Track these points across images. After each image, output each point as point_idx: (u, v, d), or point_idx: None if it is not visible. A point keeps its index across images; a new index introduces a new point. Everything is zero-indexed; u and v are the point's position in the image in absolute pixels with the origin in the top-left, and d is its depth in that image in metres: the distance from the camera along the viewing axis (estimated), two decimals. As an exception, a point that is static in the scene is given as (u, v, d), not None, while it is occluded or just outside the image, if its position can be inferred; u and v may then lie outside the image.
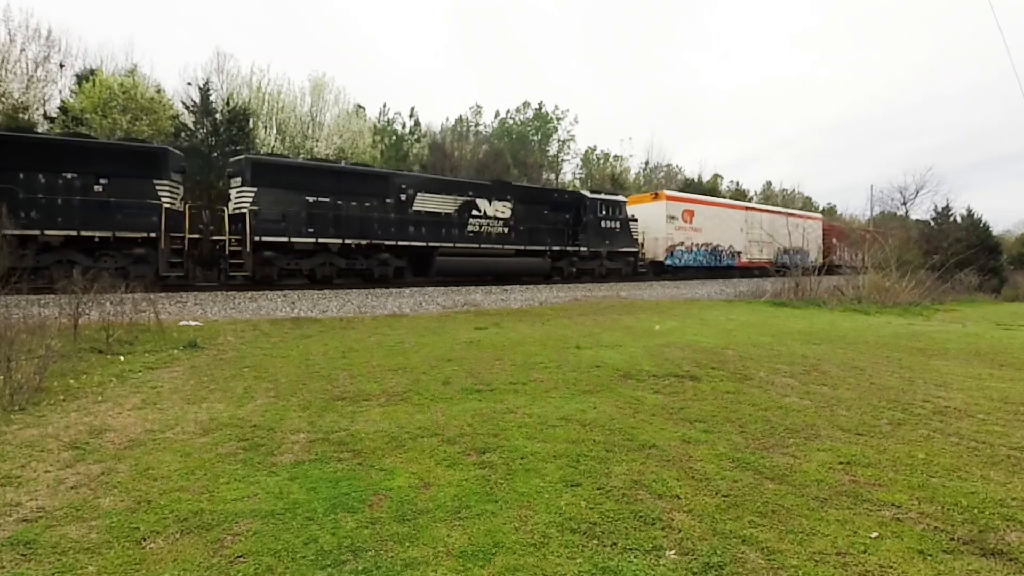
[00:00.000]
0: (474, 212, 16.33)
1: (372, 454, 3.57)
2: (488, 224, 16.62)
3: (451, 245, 15.72)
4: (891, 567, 2.30)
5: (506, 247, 16.93)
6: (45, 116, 20.36)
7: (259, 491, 3.00)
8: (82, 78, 20.67)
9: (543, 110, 40.38)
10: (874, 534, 2.56)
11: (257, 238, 12.61)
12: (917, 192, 35.41)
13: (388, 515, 2.72)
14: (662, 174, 43.02)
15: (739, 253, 25.43)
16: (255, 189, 12.78)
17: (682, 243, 22.57)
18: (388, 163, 26.64)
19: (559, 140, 40.98)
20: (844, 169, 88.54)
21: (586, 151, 42.63)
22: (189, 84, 23.09)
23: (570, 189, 21.95)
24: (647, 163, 44.02)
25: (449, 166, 28.41)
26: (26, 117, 19.31)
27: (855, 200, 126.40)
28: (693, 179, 40.37)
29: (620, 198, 20.71)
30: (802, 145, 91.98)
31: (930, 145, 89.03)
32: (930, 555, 2.39)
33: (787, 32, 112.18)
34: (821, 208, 55.94)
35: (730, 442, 3.84)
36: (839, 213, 48.44)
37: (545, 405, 4.74)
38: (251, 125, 22.80)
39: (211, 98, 21.97)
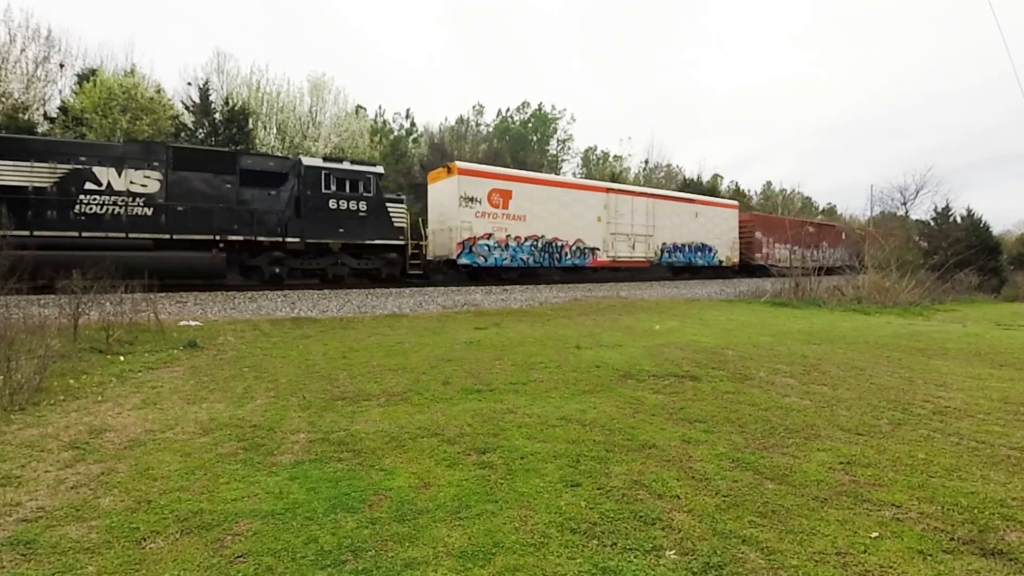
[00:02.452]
0: (88, 186, 11.43)
1: (372, 454, 3.57)
2: (115, 203, 11.63)
3: (25, 234, 10.51)
4: (891, 567, 2.30)
5: (143, 236, 11.82)
6: (45, 116, 20.37)
7: (259, 491, 3.00)
8: (82, 78, 20.68)
9: (542, 110, 40.40)
10: (874, 534, 2.57)
11: None
12: (917, 192, 35.38)
13: (388, 515, 2.72)
14: (662, 174, 43.03)
15: (595, 250, 19.39)
16: None
17: (489, 235, 16.53)
18: (386, 162, 26.51)
19: (558, 140, 41.04)
20: (844, 169, 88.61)
21: (586, 151, 42.70)
22: (189, 84, 23.14)
23: (280, 154, 16.22)
24: (647, 162, 44.07)
25: (448, 166, 28.35)
26: (26, 117, 19.32)
27: (855, 200, 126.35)
28: (693, 179, 40.37)
29: (372, 169, 14.78)
30: (802, 145, 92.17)
31: (930, 145, 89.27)
32: (930, 555, 2.39)
33: (787, 32, 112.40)
34: (821, 208, 55.86)
35: (730, 442, 3.84)
36: (839, 213, 48.42)
37: (545, 405, 4.74)
38: (250, 125, 22.82)
39: (211, 98, 22.00)
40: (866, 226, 33.37)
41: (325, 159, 14.48)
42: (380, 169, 15.07)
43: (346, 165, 14.49)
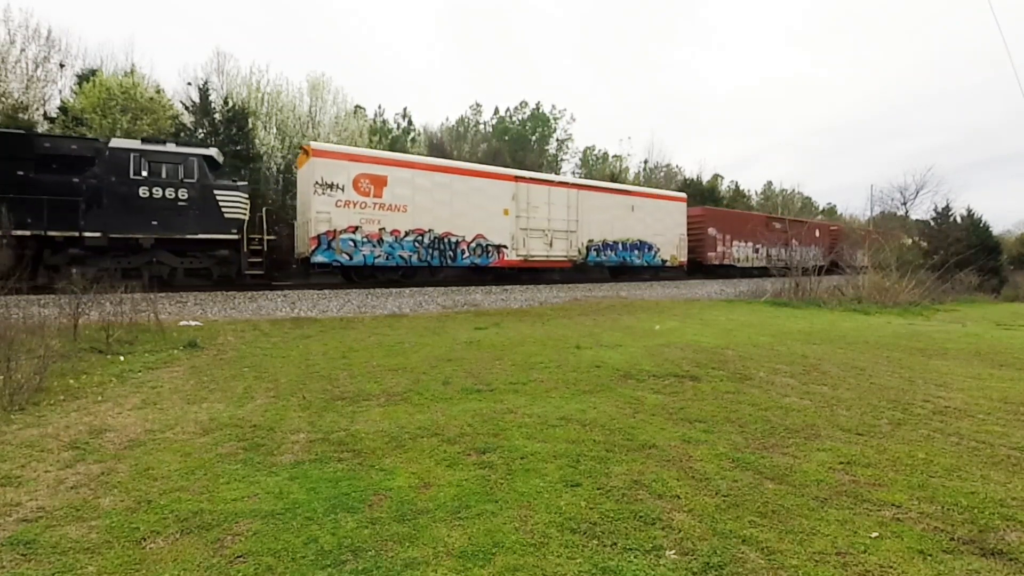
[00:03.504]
0: None
1: (372, 454, 3.57)
2: None
3: None
4: (891, 567, 2.30)
5: None
6: (45, 116, 20.36)
7: (259, 491, 3.00)
8: (82, 78, 20.68)
9: (540, 110, 40.41)
10: (874, 534, 2.57)
11: None
12: (917, 192, 35.39)
13: (388, 515, 2.72)
14: (662, 174, 43.00)
15: (500, 247, 16.69)
16: None
17: (355, 228, 14.00)
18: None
19: (558, 140, 41.09)
20: (844, 169, 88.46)
21: (585, 150, 42.71)
22: (189, 84, 23.12)
23: (80, 135, 14.48)
24: (646, 162, 44.04)
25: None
26: (26, 117, 19.31)
27: (855, 200, 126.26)
28: (693, 179, 40.34)
29: (197, 151, 12.50)
30: (802, 145, 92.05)
31: (930, 145, 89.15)
32: (930, 555, 2.39)
33: (787, 32, 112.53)
34: (821, 208, 55.78)
35: (730, 442, 3.84)
36: (839, 213, 48.38)
37: (545, 405, 4.74)
38: (250, 125, 22.81)
39: (210, 98, 22.00)
40: (866, 226, 33.28)
41: (143, 140, 12.44)
42: (211, 151, 12.82)
43: (167, 147, 12.20)
